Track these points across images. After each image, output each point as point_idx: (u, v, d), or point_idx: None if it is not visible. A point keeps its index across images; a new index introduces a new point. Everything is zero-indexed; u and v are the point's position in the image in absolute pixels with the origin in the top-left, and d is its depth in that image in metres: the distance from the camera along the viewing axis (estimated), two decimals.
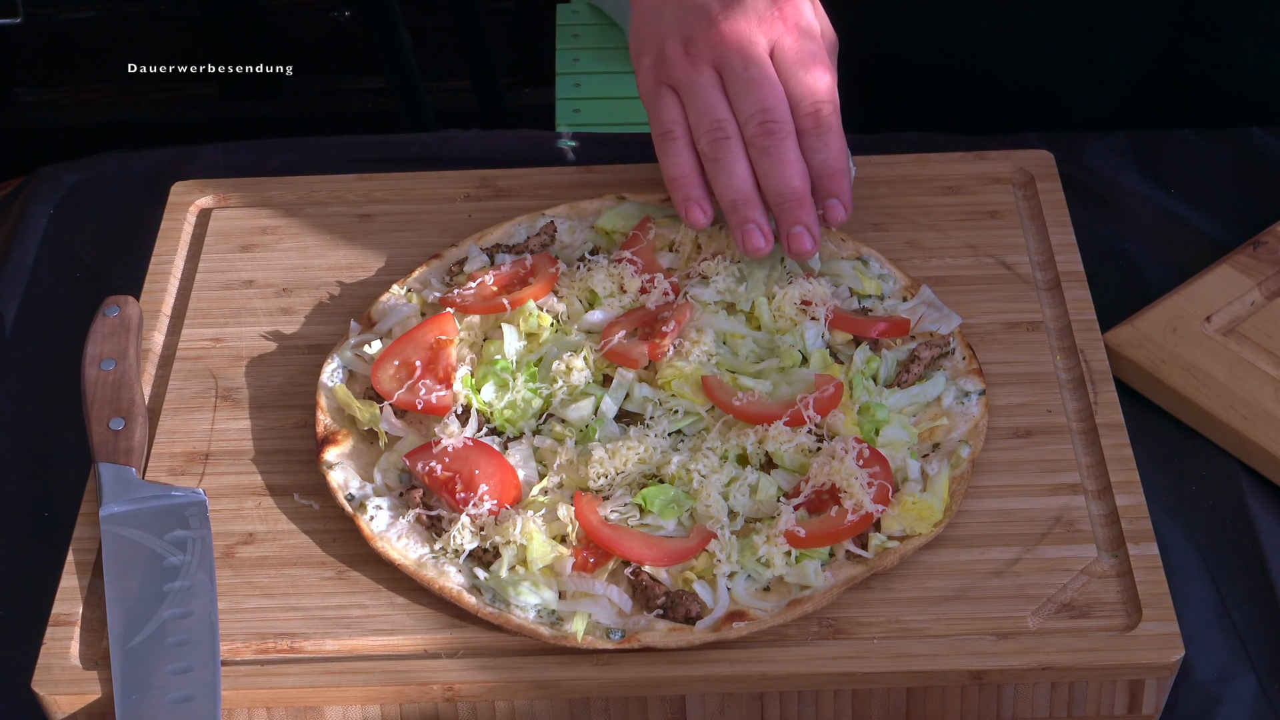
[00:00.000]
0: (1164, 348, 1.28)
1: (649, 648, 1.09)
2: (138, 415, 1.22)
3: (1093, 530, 1.14)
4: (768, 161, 1.23)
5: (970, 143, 1.45)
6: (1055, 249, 1.33)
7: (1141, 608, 1.09)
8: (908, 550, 1.12)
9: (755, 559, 1.11)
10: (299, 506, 1.19)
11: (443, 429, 1.19)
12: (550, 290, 1.27)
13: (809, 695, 1.09)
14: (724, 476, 1.15)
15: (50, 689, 1.09)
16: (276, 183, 1.43)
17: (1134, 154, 1.47)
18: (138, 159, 1.53)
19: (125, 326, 1.28)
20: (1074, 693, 1.09)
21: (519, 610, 1.10)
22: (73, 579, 1.15)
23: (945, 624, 1.10)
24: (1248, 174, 1.46)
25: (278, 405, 1.25)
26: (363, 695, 1.09)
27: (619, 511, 1.14)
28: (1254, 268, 1.33)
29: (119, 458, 1.20)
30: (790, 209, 1.23)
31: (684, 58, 1.25)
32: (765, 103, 1.22)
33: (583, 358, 1.22)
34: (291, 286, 1.34)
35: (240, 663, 1.10)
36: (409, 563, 1.13)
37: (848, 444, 1.14)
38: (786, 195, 1.23)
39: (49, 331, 1.38)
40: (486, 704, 1.09)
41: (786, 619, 1.09)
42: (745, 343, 1.24)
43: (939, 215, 1.37)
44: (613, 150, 1.48)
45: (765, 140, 1.22)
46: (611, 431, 1.19)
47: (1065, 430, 1.21)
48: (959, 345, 1.25)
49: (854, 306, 1.28)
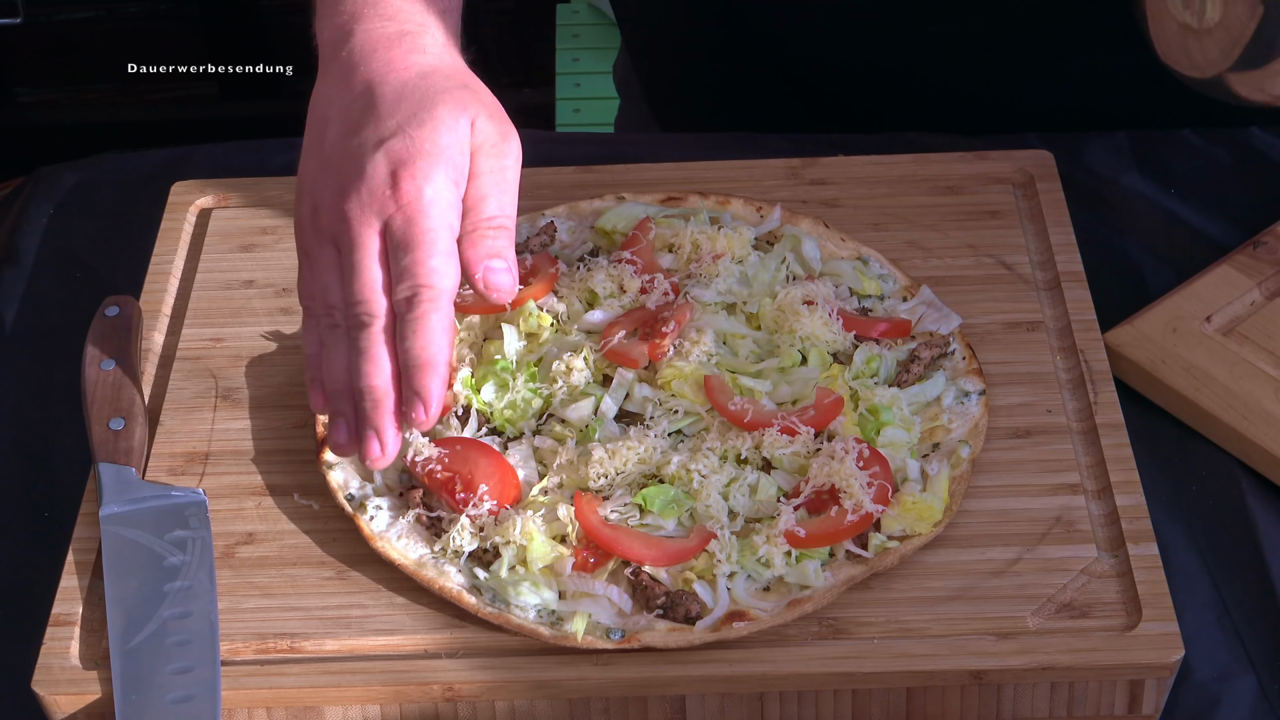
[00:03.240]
0: (1164, 348, 1.28)
1: (649, 648, 1.09)
2: (138, 415, 1.22)
3: (1093, 530, 1.14)
4: (354, 354, 1.12)
5: (970, 143, 1.44)
6: (1055, 249, 1.33)
7: (1141, 608, 1.09)
8: (908, 550, 1.12)
9: (755, 559, 1.11)
10: (299, 506, 1.19)
11: (444, 428, 1.19)
12: (550, 290, 1.27)
13: (809, 695, 1.09)
14: (724, 477, 1.15)
15: (50, 689, 1.09)
16: (276, 183, 1.43)
17: (1134, 154, 1.47)
18: (138, 159, 1.53)
19: (125, 326, 1.28)
20: (1074, 693, 1.09)
21: (519, 610, 1.10)
22: (73, 579, 1.15)
23: (945, 624, 1.10)
24: (1248, 174, 1.46)
25: (278, 405, 1.25)
26: (363, 695, 1.09)
27: (619, 511, 1.14)
28: (1254, 268, 1.33)
29: (119, 458, 1.20)
30: (366, 408, 1.12)
31: (311, 227, 1.14)
32: (357, 294, 1.11)
33: (583, 358, 1.22)
34: (291, 286, 1.34)
35: (240, 663, 1.10)
36: (409, 563, 1.13)
37: (848, 444, 1.14)
38: (363, 393, 1.12)
39: (49, 331, 1.38)
40: (486, 704, 1.09)
41: (786, 619, 1.09)
42: (745, 343, 1.24)
43: (939, 215, 1.37)
44: (613, 150, 1.48)
45: (355, 331, 1.12)
46: (611, 431, 1.19)
47: (1065, 430, 1.21)
48: (959, 345, 1.25)
49: (854, 306, 1.28)
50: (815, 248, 1.31)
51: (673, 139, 1.51)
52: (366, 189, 1.11)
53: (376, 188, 1.11)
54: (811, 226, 1.34)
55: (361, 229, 1.11)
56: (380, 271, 1.11)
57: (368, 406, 1.11)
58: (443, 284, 1.10)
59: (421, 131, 1.12)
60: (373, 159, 1.11)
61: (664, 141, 1.50)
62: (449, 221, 1.12)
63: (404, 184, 1.10)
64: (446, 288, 1.11)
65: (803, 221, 1.34)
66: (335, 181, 1.13)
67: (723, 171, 1.41)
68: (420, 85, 1.14)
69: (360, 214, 1.11)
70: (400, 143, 1.11)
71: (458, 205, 1.13)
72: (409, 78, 1.14)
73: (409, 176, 1.10)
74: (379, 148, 1.11)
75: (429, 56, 1.16)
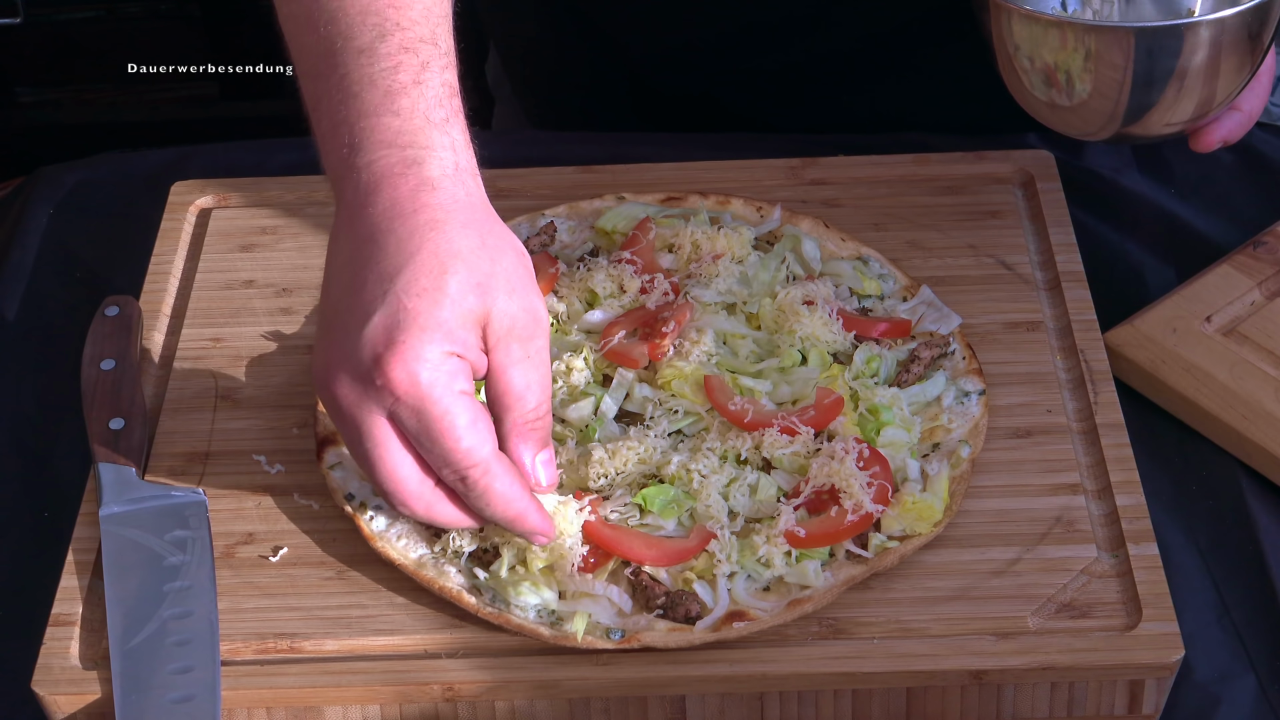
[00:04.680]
0: (1164, 348, 1.28)
1: (649, 648, 1.08)
2: (138, 415, 1.22)
3: (1093, 530, 1.14)
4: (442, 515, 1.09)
5: (970, 143, 1.44)
6: (1055, 249, 1.33)
7: (1141, 608, 1.09)
8: (908, 550, 1.12)
9: (755, 559, 1.11)
10: (299, 506, 1.19)
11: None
12: (550, 290, 1.27)
13: (809, 695, 1.09)
14: (724, 477, 1.15)
15: (50, 689, 1.09)
16: (276, 183, 1.43)
17: (1134, 154, 1.47)
18: (138, 159, 1.53)
19: (125, 326, 1.28)
20: (1074, 693, 1.09)
21: (519, 610, 1.10)
22: (73, 579, 1.15)
23: (945, 624, 1.10)
24: (1248, 174, 1.46)
25: (278, 405, 1.25)
26: (363, 695, 1.09)
27: (619, 511, 1.14)
28: (1254, 268, 1.33)
29: (119, 458, 1.20)
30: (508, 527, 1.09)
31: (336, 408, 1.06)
32: (391, 490, 1.06)
33: (583, 358, 1.22)
34: (291, 286, 1.34)
35: (240, 663, 1.10)
36: (409, 563, 1.13)
37: (848, 444, 1.14)
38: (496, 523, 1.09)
39: (49, 331, 1.38)
40: (486, 704, 1.09)
41: (786, 619, 1.09)
42: (745, 343, 1.24)
43: (939, 215, 1.37)
44: (613, 150, 1.48)
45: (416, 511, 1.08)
46: (611, 431, 1.19)
47: (1065, 430, 1.21)
48: (959, 345, 1.25)
49: (854, 306, 1.28)
50: (815, 248, 1.31)
51: (673, 139, 1.51)
52: (355, 373, 1.02)
53: (364, 374, 1.02)
54: (811, 226, 1.34)
55: (364, 418, 1.04)
56: (404, 456, 1.05)
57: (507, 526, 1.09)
58: (483, 454, 1.04)
59: (420, 303, 1.02)
60: (360, 336, 1.02)
61: (664, 141, 1.50)
62: (456, 389, 1.03)
63: (394, 372, 1.01)
64: (487, 454, 1.04)
65: (803, 221, 1.34)
66: (329, 352, 1.05)
67: (723, 171, 1.41)
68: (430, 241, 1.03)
69: (358, 403, 1.03)
70: (389, 317, 1.02)
71: (462, 369, 1.04)
72: (417, 226, 1.03)
73: (398, 362, 1.01)
74: (367, 321, 1.02)
75: (440, 195, 1.05)
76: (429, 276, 1.02)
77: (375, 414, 1.03)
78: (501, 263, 1.05)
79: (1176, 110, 1.20)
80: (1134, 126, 1.21)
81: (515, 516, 1.07)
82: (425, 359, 1.01)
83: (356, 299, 1.03)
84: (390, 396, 1.02)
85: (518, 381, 1.06)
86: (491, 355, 1.05)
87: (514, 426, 1.07)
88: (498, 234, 1.06)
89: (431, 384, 1.02)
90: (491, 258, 1.04)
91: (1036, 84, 1.19)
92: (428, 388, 1.02)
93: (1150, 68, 1.16)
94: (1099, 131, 1.23)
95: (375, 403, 1.03)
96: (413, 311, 1.01)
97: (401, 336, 1.01)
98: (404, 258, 1.02)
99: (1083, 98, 1.18)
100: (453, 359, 1.03)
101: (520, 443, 1.07)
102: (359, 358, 1.02)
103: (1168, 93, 1.18)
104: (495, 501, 1.06)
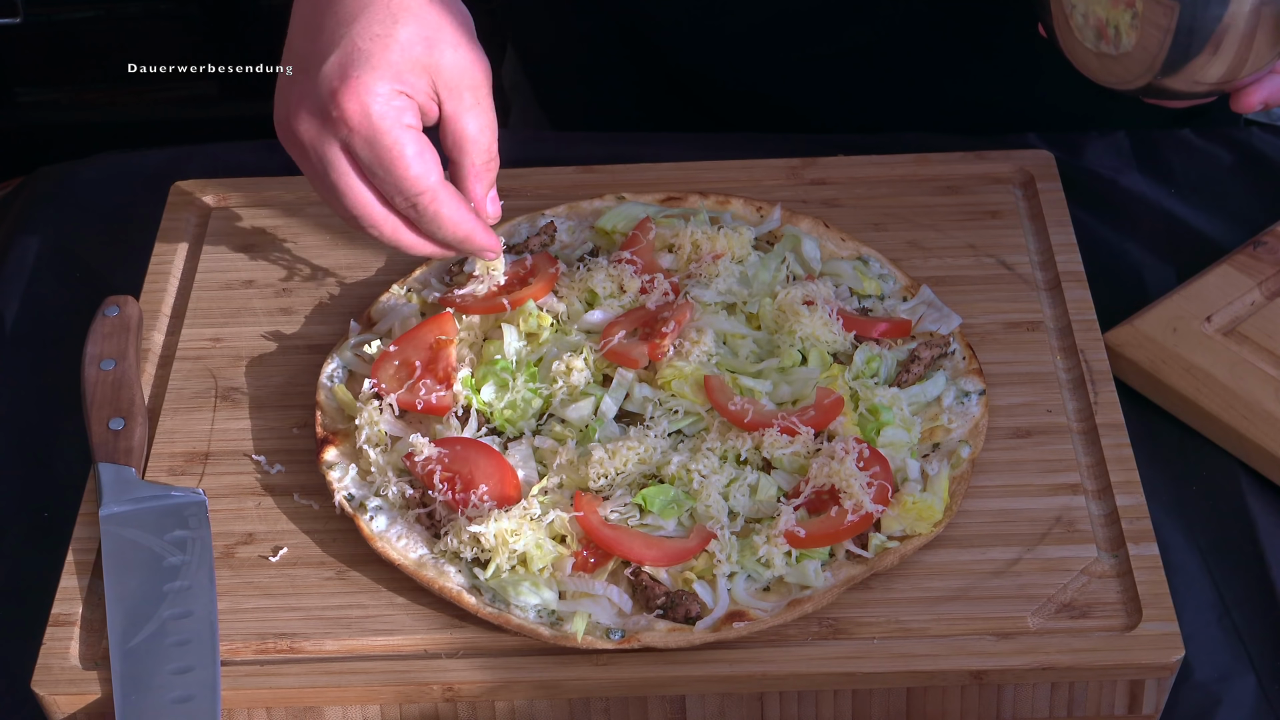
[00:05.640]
0: (1164, 348, 1.28)
1: (649, 648, 1.09)
2: (137, 415, 1.22)
3: (1093, 530, 1.14)
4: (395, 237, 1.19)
5: (970, 143, 1.44)
6: (1055, 249, 1.33)
7: (1141, 608, 1.09)
8: (908, 550, 1.12)
9: (755, 559, 1.11)
10: (299, 506, 1.19)
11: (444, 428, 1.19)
12: (550, 290, 1.27)
13: (809, 695, 1.09)
14: (724, 477, 1.15)
15: (50, 689, 1.09)
16: (276, 183, 1.43)
17: (1134, 154, 1.47)
18: (138, 159, 1.53)
19: (125, 326, 1.28)
20: (1074, 693, 1.09)
21: (519, 610, 1.10)
22: (72, 579, 1.15)
23: (945, 624, 1.10)
24: (1248, 174, 1.46)
25: (278, 405, 1.25)
26: (363, 695, 1.09)
27: (619, 511, 1.14)
28: (1254, 268, 1.33)
29: (119, 458, 1.20)
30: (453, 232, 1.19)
31: (285, 135, 1.17)
32: (354, 211, 1.17)
33: (583, 358, 1.22)
34: (291, 286, 1.34)
35: (240, 663, 1.10)
36: (409, 563, 1.13)
37: (848, 444, 1.14)
38: (447, 245, 1.20)
39: (49, 331, 1.38)
40: (486, 704, 1.09)
41: (786, 619, 1.09)
42: (745, 343, 1.24)
43: (939, 215, 1.37)
44: (613, 150, 1.48)
45: (372, 232, 1.18)
46: (611, 431, 1.19)
47: (1065, 430, 1.21)
48: (959, 345, 1.25)
49: (854, 306, 1.28)
50: (815, 248, 1.31)
51: (673, 139, 1.51)
52: (313, 108, 1.13)
53: (321, 107, 1.12)
54: (811, 226, 1.34)
55: (324, 150, 1.14)
56: (362, 184, 1.15)
57: (456, 247, 1.19)
58: (431, 180, 1.14)
59: (373, 45, 1.12)
60: (318, 74, 1.12)
61: (664, 141, 1.50)
62: (404, 122, 1.13)
63: (347, 104, 1.11)
64: (435, 181, 1.14)
65: (803, 221, 1.34)
66: (290, 93, 1.15)
67: (723, 171, 1.41)
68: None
69: (318, 136, 1.13)
70: (344, 56, 1.12)
71: (410, 107, 1.13)
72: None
73: (351, 94, 1.11)
74: (324, 61, 1.12)
75: None
76: (381, 24, 1.12)
77: (334, 145, 1.14)
78: (448, 19, 1.15)
79: (1211, 69, 1.21)
80: (1171, 79, 1.22)
81: (465, 236, 1.17)
82: (376, 93, 1.12)
83: (315, 44, 1.13)
84: (345, 127, 1.12)
85: (471, 126, 1.16)
86: (444, 104, 1.15)
87: (470, 169, 1.18)
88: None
89: (382, 115, 1.12)
90: (439, 14, 1.14)
91: (1088, 37, 1.21)
92: (379, 119, 1.12)
93: (1191, 25, 1.18)
94: (1137, 79, 1.24)
95: (332, 134, 1.13)
96: (365, 52, 1.12)
97: (354, 73, 1.11)
98: (359, 7, 1.13)
99: (1128, 49, 1.20)
100: (402, 96, 1.13)
101: (476, 183, 1.18)
102: (317, 93, 1.12)
103: (1204, 54, 1.19)
104: (445, 224, 1.16)
